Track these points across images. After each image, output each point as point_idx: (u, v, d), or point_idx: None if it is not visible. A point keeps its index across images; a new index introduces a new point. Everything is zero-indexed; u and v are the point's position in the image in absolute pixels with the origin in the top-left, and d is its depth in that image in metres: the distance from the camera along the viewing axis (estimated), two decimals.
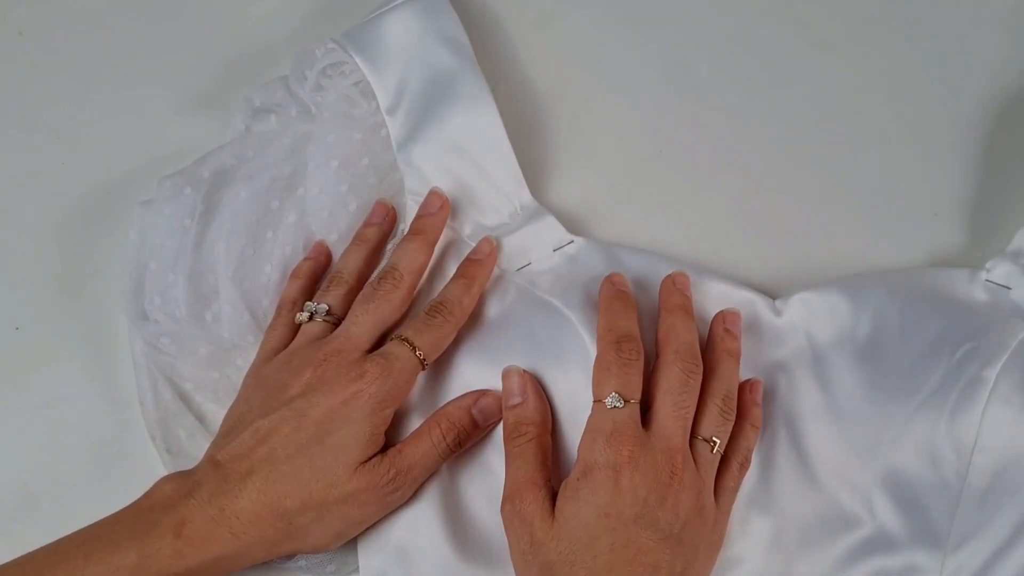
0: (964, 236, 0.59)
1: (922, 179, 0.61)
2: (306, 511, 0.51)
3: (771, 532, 0.52)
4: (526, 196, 0.60)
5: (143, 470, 0.59)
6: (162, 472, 0.58)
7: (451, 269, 0.58)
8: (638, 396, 0.50)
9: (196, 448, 0.58)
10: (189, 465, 0.57)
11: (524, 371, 0.54)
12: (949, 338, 0.51)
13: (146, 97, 0.67)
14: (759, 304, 0.56)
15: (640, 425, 0.50)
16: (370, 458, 0.52)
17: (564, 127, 0.64)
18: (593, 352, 0.53)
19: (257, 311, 0.59)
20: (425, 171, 0.59)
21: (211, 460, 0.52)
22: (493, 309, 0.57)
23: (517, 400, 0.53)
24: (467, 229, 0.59)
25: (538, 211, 0.59)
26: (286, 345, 0.56)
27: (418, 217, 0.58)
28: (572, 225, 0.60)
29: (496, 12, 0.67)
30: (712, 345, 0.54)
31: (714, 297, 0.56)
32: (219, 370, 0.59)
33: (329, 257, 0.60)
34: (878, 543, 0.51)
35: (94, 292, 0.63)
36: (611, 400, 0.50)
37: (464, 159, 0.59)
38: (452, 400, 0.55)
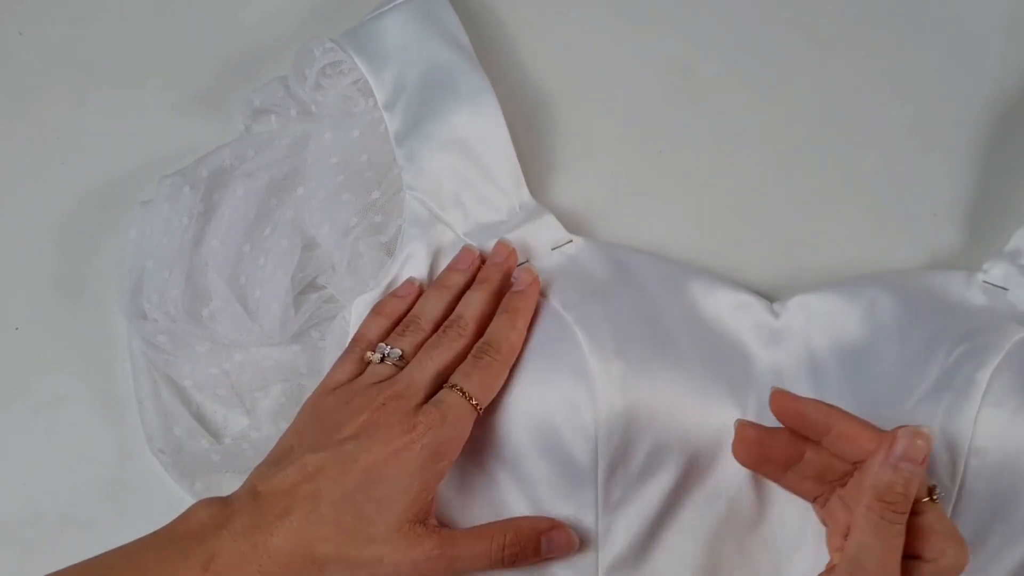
0: (963, 236, 0.59)
1: (922, 179, 0.61)
2: (339, 560, 0.48)
3: (765, 535, 0.52)
4: (526, 195, 0.59)
5: (143, 470, 0.59)
6: (161, 471, 0.58)
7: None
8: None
9: (195, 448, 0.58)
10: (188, 463, 0.58)
11: None
12: (944, 340, 0.51)
13: (146, 97, 0.67)
14: (757, 307, 0.56)
15: None
16: (422, 523, 0.50)
17: (564, 126, 0.64)
18: (587, 351, 0.52)
19: (248, 303, 0.59)
20: (425, 166, 0.59)
21: (252, 490, 0.49)
22: None
23: None
24: (465, 227, 0.59)
25: (537, 210, 0.59)
26: (351, 379, 0.54)
27: (485, 266, 0.57)
28: (572, 224, 0.60)
29: (496, 12, 0.66)
30: None
31: (713, 299, 0.56)
32: (218, 367, 0.59)
33: (419, 297, 0.58)
34: None
35: (94, 292, 0.63)
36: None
37: (464, 156, 0.59)
38: (529, 517, 0.53)
